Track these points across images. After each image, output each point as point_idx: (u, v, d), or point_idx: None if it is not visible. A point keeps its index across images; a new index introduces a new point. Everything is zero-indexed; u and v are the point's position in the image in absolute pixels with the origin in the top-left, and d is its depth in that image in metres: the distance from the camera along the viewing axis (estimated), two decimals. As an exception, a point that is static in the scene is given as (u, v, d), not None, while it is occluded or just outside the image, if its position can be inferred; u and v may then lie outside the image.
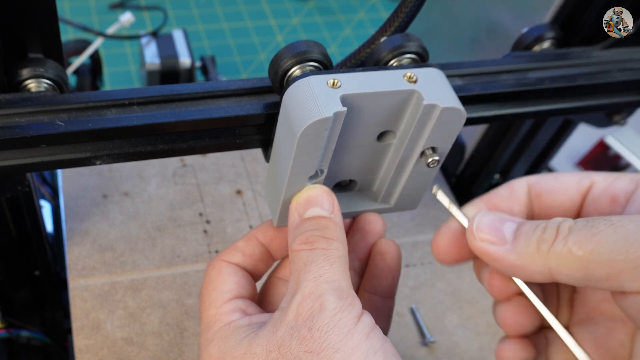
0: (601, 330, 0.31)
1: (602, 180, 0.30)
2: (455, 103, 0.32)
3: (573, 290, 0.33)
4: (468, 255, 0.32)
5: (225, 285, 0.34)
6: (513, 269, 0.29)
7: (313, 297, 0.29)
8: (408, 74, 0.32)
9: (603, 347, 0.31)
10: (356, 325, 0.28)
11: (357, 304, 0.30)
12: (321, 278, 0.30)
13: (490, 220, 0.30)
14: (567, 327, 0.32)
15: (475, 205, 0.32)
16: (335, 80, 0.31)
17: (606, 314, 0.31)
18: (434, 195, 0.33)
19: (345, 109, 0.30)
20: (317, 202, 0.33)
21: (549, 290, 0.33)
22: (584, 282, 0.27)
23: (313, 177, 0.34)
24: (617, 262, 0.25)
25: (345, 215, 0.38)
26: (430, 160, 0.34)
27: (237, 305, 0.34)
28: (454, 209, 0.32)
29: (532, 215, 0.32)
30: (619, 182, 0.30)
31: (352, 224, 0.38)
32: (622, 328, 0.30)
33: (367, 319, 0.29)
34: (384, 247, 0.37)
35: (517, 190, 0.32)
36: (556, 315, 0.32)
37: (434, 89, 0.32)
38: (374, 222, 0.37)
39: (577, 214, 0.31)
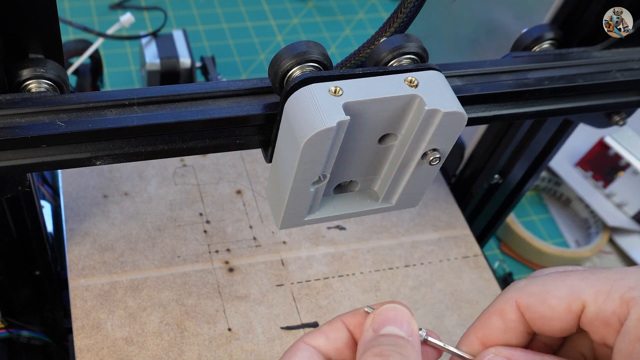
0: None
1: (592, 303, 0.29)
2: (457, 107, 0.32)
3: None
4: None
5: None
6: None
7: None
8: (409, 79, 0.32)
9: None
10: None
11: None
12: None
13: None
14: None
15: (470, 343, 0.31)
16: (337, 88, 0.31)
17: None
18: (425, 336, 0.31)
19: (348, 118, 0.30)
20: (396, 322, 0.30)
21: None
22: None
23: (316, 183, 0.34)
24: None
25: (346, 216, 0.38)
26: (432, 158, 0.34)
27: None
28: (450, 349, 0.31)
29: (530, 333, 0.31)
30: (609, 305, 0.28)
31: None
32: None
33: None
34: None
35: (509, 319, 0.31)
36: None
37: (435, 93, 0.32)
38: None
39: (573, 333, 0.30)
